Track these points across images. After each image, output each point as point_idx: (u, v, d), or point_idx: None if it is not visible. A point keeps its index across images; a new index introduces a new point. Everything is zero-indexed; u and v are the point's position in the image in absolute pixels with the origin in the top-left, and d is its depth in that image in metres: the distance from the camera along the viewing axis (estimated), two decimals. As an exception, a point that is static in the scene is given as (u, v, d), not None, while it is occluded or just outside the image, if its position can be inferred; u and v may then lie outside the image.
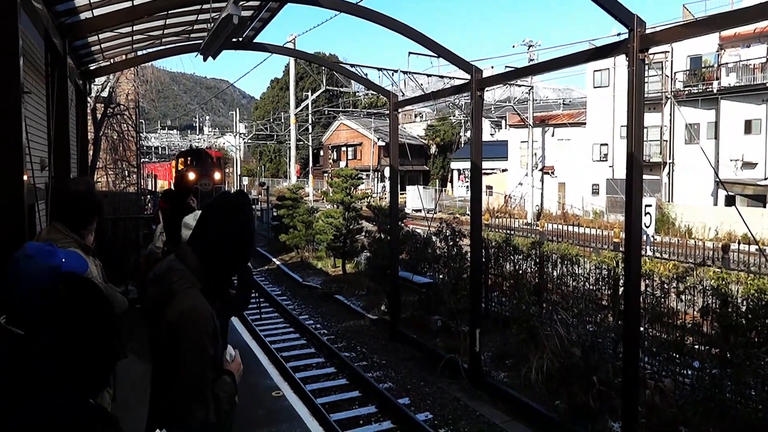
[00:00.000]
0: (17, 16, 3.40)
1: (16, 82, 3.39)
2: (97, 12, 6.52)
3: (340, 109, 49.00)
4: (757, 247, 9.92)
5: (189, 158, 27.01)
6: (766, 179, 24.26)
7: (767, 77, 24.52)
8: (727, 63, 26.05)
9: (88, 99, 12.47)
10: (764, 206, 23.54)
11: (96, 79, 14.74)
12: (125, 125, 20.87)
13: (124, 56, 10.98)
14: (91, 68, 9.93)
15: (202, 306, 1.83)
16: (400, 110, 10.50)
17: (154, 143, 69.79)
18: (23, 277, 1.92)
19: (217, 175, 25.33)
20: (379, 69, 19.74)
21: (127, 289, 7.85)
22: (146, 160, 41.32)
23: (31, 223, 5.40)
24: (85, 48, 8.56)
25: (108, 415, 1.57)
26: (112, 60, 11.12)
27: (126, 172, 21.81)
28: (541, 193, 32.27)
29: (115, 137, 20.22)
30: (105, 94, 18.32)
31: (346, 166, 37.41)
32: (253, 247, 2.10)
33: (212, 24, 6.23)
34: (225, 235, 1.94)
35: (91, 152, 14.95)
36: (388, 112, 10.95)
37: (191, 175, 22.06)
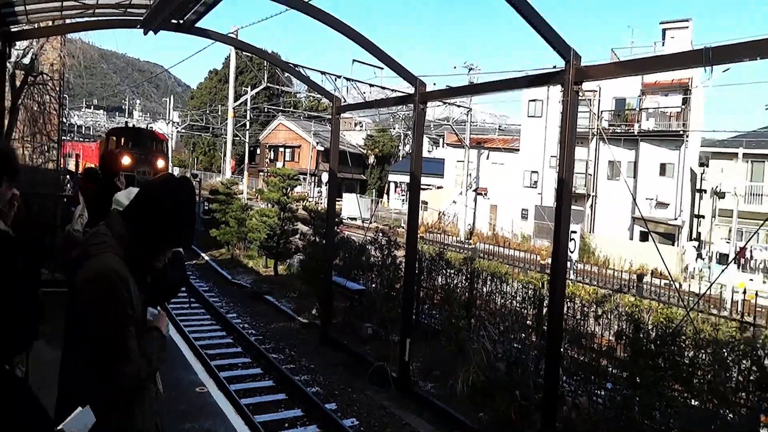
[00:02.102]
0: None
1: None
2: (23, -31, 6.03)
3: (281, 108, 48.28)
4: (666, 280, 10.72)
5: (124, 137, 21.42)
6: (675, 219, 26.33)
7: (681, 125, 26.71)
8: (647, 108, 28.16)
9: (7, 63, 11.54)
10: (673, 244, 25.54)
11: (17, 44, 13.67)
12: (47, 97, 19.46)
13: (51, 22, 10.24)
14: (13, 30, 9.18)
15: (115, 267, 1.79)
16: (342, 115, 10.49)
17: (77, 122, 65.58)
18: None
19: (160, 163, 20.33)
20: (323, 72, 19.62)
21: (39, 272, 7.28)
22: (67, 138, 38.60)
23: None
24: (7, 7, 7.90)
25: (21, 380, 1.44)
26: (37, 24, 10.35)
27: (45, 147, 20.28)
28: (474, 213, 33.26)
29: (35, 108, 18.79)
30: (26, 60, 17.03)
31: (283, 166, 36.84)
32: (193, 229, 2.04)
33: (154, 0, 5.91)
34: (166, 211, 1.89)
35: (6, 120, 13.81)
36: (329, 116, 10.93)
37: (126, 159, 18.26)
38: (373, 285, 10.78)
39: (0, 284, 1.36)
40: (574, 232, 13.60)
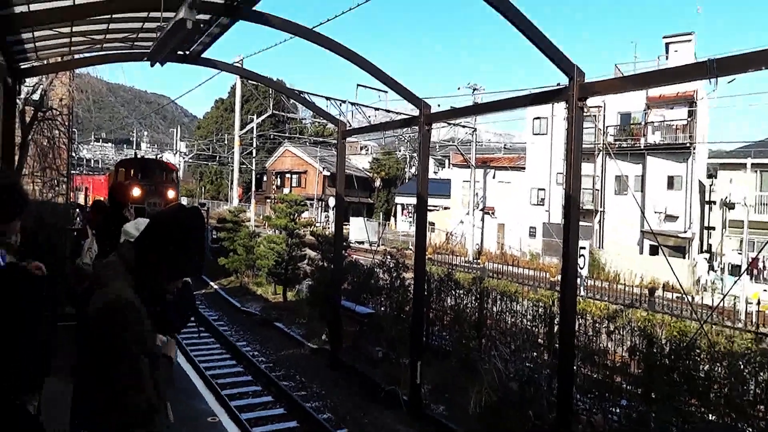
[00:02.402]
0: None
1: None
2: (34, 7, 6.21)
3: (287, 135, 48.81)
4: (677, 293, 10.59)
5: (134, 169, 21.29)
6: (685, 232, 26.11)
7: (687, 137, 26.67)
8: (653, 122, 28.19)
9: (17, 100, 11.78)
10: (684, 257, 25.27)
11: (27, 80, 13.97)
12: (57, 132, 19.80)
13: (59, 58, 10.48)
14: (23, 67, 9.40)
15: (126, 295, 1.80)
16: (348, 139, 10.60)
17: (86, 155, 66.62)
18: None
19: (170, 193, 19.86)
20: (328, 98, 19.92)
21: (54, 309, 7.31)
22: (76, 172, 39.14)
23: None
24: (17, 44, 8.09)
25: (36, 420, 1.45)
26: (46, 61, 10.59)
27: (55, 181, 20.54)
28: (482, 233, 33.17)
29: (45, 143, 19.11)
30: (36, 96, 17.38)
31: (290, 192, 37.10)
32: (203, 259, 2.08)
33: (160, 32, 6.07)
34: (176, 241, 1.91)
35: (17, 156, 14.04)
36: (334, 141, 11.04)
37: (135, 191, 18.07)
38: (383, 308, 10.73)
39: (15, 321, 1.39)
40: (583, 247, 13.52)
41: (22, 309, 1.38)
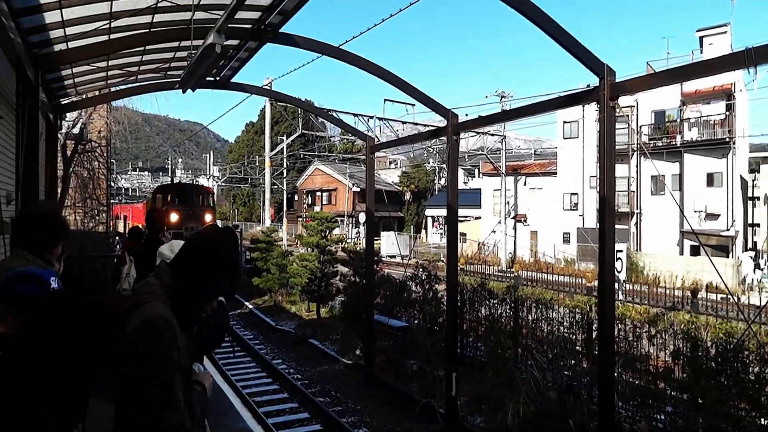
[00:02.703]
0: None
1: None
2: (72, 44, 6.51)
3: (316, 153, 49.45)
4: (722, 294, 10.18)
5: (171, 194, 21.12)
6: (728, 230, 25.15)
7: (726, 132, 25.80)
8: (689, 118, 27.40)
9: (59, 134, 12.30)
10: (727, 256, 24.31)
11: (67, 115, 14.59)
12: (96, 163, 20.58)
13: (97, 92, 10.92)
14: (63, 103, 9.82)
15: (163, 314, 1.83)
16: (376, 153, 10.66)
17: (124, 184, 68.87)
18: None
19: (207, 217, 19.59)
20: (355, 115, 20.15)
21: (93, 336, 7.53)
22: (115, 201, 40.48)
23: (-5, 256, 5.19)
24: (57, 81, 8.49)
25: None
26: (85, 95, 11.04)
27: (96, 211, 21.29)
28: (514, 241, 32.72)
29: (85, 175, 19.88)
30: (76, 130, 18.10)
31: (321, 210, 37.45)
32: (238, 278, 2.10)
33: (190, 60, 6.28)
34: (210, 262, 1.95)
35: (59, 189, 14.64)
36: (363, 157, 11.11)
37: (173, 216, 18.19)
38: (416, 321, 10.66)
39: (62, 343, 1.44)
40: (620, 251, 13.15)
41: (68, 333, 1.44)
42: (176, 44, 7.42)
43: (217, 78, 9.14)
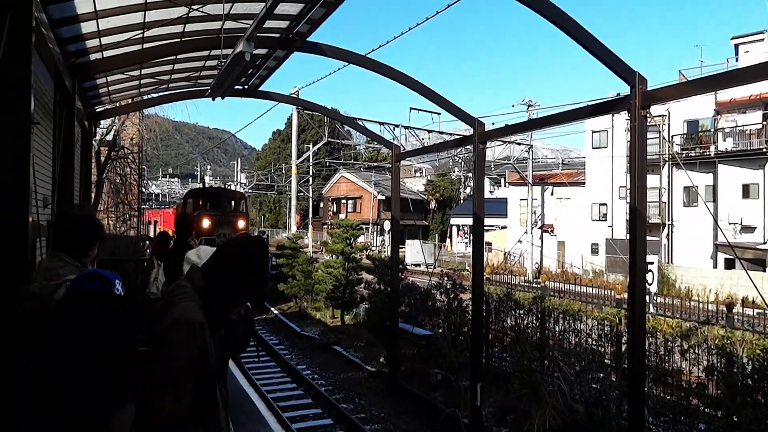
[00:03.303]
0: (30, 58, 3.38)
1: (27, 125, 3.33)
2: (107, 54, 6.70)
3: (342, 161, 49.80)
4: (759, 309, 9.83)
5: (202, 199, 19.91)
6: (764, 243, 24.33)
7: (764, 142, 25.04)
8: (723, 128, 26.68)
9: (93, 141, 12.66)
10: (764, 270, 23.49)
11: (101, 122, 15.01)
12: (128, 169, 21.13)
13: (130, 100, 11.22)
14: (98, 110, 10.12)
15: (195, 314, 1.88)
16: (402, 162, 10.67)
17: (155, 190, 70.44)
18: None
19: (240, 223, 18.57)
20: (381, 123, 20.24)
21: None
22: (146, 206, 41.38)
23: (32, 258, 5.35)
24: (92, 90, 8.75)
25: None
26: (118, 103, 11.36)
27: (127, 216, 21.82)
28: (541, 251, 32.28)
29: (117, 180, 20.41)
30: (110, 137, 18.61)
31: (346, 218, 37.61)
32: (266, 286, 2.13)
33: (220, 68, 6.40)
34: (241, 268, 2.00)
35: (93, 194, 15.05)
36: (389, 165, 11.12)
37: (205, 222, 17.30)
38: (440, 330, 10.58)
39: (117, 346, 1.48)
40: (651, 262, 12.82)
41: (124, 335, 1.49)
42: (206, 53, 7.58)
43: (246, 86, 9.31)
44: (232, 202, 20.15)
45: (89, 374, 1.46)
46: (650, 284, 12.73)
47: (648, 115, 5.37)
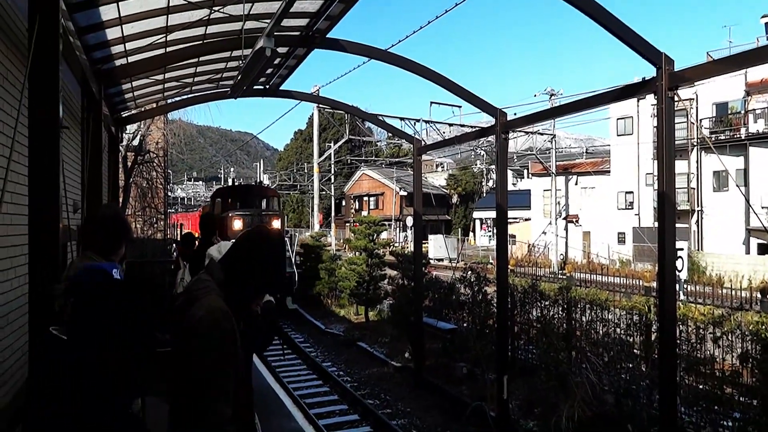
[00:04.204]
0: (58, 65, 3.47)
1: (56, 130, 3.44)
2: (131, 59, 6.84)
3: (363, 158, 49.88)
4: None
5: (231, 198, 17.74)
6: (800, 227, 23.58)
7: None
8: (754, 109, 25.90)
9: (120, 146, 12.94)
10: (800, 255, 22.79)
11: (127, 127, 15.32)
12: (154, 173, 21.56)
13: (155, 104, 11.42)
14: (124, 116, 10.35)
15: (221, 307, 1.88)
16: (423, 156, 10.64)
17: (180, 194, 71.62)
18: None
19: (275, 224, 16.21)
20: (402, 118, 20.21)
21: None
22: (172, 210, 42.09)
23: (63, 261, 5.51)
24: (118, 95, 8.95)
25: (141, 423, 1.56)
26: (143, 108, 11.59)
27: (154, 219, 22.25)
28: (566, 242, 31.86)
29: (144, 185, 20.84)
30: (136, 142, 18.99)
31: (368, 215, 37.62)
32: (284, 276, 2.14)
33: (242, 66, 6.48)
34: (257, 259, 2.02)
35: (121, 198, 15.40)
36: (409, 161, 11.07)
37: (236, 224, 15.37)
38: (465, 323, 10.54)
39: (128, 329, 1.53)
40: (681, 248, 12.53)
41: (133, 320, 1.52)
42: (228, 54, 7.68)
43: (267, 86, 9.42)
44: (265, 200, 18.10)
45: (96, 365, 1.50)
46: (680, 271, 12.43)
47: (676, 97, 5.25)
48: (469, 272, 10.87)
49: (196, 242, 6.95)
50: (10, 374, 3.43)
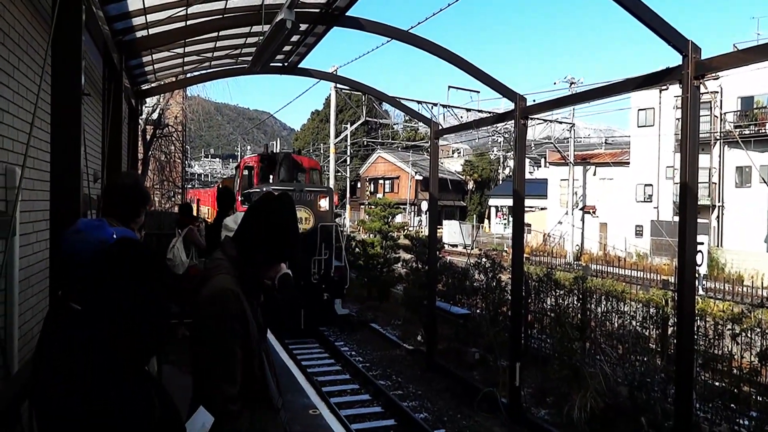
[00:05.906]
0: (81, 35, 3.45)
1: (77, 100, 3.40)
2: (152, 31, 6.81)
3: (379, 141, 49.65)
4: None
5: (265, 169, 13.36)
6: (824, 226, 23.07)
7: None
8: (781, 104, 25.24)
9: (140, 119, 12.98)
10: (823, 254, 22.32)
11: (147, 101, 15.36)
12: (173, 147, 21.71)
13: (174, 78, 11.42)
14: (143, 88, 10.36)
15: (229, 285, 1.87)
16: (439, 142, 10.52)
17: (197, 170, 72.12)
18: (72, 250, 1.93)
19: (323, 203, 11.93)
20: (419, 102, 20.01)
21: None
22: (189, 186, 42.40)
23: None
24: (138, 68, 8.94)
25: (161, 387, 1.54)
26: (163, 81, 11.58)
27: (172, 192, 22.45)
28: (582, 233, 31.54)
29: (162, 158, 21.00)
30: (155, 116, 19.09)
31: (384, 197, 37.60)
32: (296, 244, 2.07)
33: (261, 40, 6.40)
34: (267, 226, 1.97)
35: (140, 171, 15.52)
36: (426, 145, 10.95)
37: None
38: (478, 309, 10.50)
39: (140, 291, 1.49)
40: (701, 243, 12.32)
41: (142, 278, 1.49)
42: (247, 29, 7.61)
43: (285, 64, 9.34)
44: (306, 175, 14.18)
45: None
46: (699, 265, 12.24)
47: (701, 86, 5.08)
48: (484, 258, 10.81)
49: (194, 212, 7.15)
50: (31, 336, 3.48)
